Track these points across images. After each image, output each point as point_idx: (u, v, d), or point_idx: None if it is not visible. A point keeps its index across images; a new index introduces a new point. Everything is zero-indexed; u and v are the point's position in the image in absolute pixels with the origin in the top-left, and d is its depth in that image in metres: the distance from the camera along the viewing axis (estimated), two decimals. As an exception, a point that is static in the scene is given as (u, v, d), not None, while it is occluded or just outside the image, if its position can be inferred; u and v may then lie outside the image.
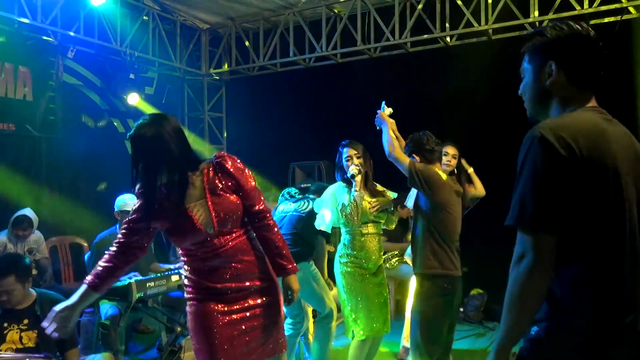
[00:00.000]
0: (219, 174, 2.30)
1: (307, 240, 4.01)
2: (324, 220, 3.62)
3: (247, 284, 2.31)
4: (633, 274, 1.42)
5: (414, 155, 3.34)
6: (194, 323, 2.30)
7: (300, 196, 4.31)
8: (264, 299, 2.36)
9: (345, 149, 3.61)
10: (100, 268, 2.27)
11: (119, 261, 2.27)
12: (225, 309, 2.27)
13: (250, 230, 2.39)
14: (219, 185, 2.28)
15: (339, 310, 4.69)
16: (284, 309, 2.57)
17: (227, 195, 2.28)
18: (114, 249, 2.29)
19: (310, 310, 4.26)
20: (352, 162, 3.53)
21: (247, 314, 2.31)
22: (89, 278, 2.27)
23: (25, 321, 3.07)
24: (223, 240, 2.26)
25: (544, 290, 1.37)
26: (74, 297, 2.28)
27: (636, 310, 1.41)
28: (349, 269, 3.51)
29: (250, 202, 2.33)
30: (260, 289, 2.35)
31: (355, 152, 3.57)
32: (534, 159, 1.37)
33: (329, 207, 3.62)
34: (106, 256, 2.28)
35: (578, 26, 1.51)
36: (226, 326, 2.26)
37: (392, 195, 3.73)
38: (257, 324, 2.33)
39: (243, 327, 2.30)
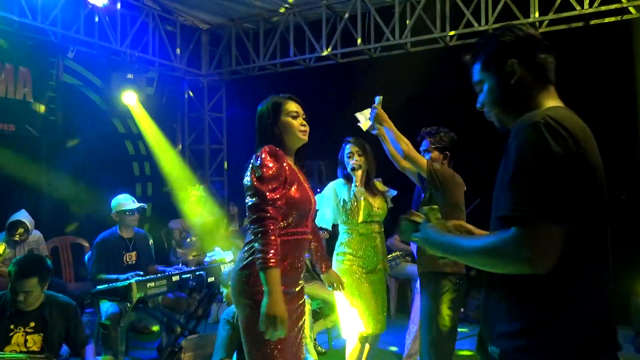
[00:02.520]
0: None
1: None
2: (324, 218, 3.60)
3: (300, 282, 2.50)
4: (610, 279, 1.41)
5: (437, 152, 3.34)
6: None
7: None
8: (302, 302, 2.51)
9: (348, 145, 3.62)
10: (274, 248, 2.19)
11: (277, 235, 2.26)
12: (288, 305, 2.34)
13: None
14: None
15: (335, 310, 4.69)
16: None
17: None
18: (271, 228, 2.21)
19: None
20: (353, 158, 3.54)
21: (298, 312, 2.45)
22: (272, 261, 2.17)
23: (32, 324, 3.05)
24: (309, 224, 2.50)
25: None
26: (276, 289, 2.17)
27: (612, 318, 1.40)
28: (345, 267, 3.50)
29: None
30: (301, 293, 2.51)
31: (357, 149, 3.57)
32: (540, 145, 1.29)
33: (329, 204, 3.61)
34: (270, 236, 2.20)
35: (522, 27, 1.56)
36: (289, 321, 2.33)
37: (391, 193, 3.72)
38: (299, 324, 2.47)
39: (294, 325, 2.41)
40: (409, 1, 6.25)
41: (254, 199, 2.26)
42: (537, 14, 5.51)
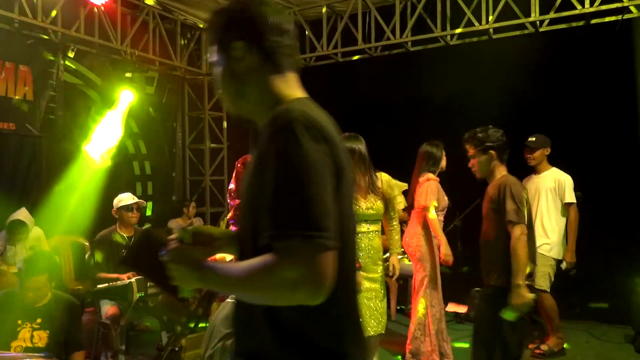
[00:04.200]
0: None
1: None
2: None
3: None
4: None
5: (491, 152, 3.06)
6: None
7: None
8: None
9: None
10: None
11: None
12: None
13: None
14: None
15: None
16: None
17: None
18: None
19: None
20: None
21: None
22: None
23: (39, 320, 3.10)
24: None
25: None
26: None
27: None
28: None
29: None
30: None
31: None
32: (300, 153, 1.08)
33: None
34: None
35: (259, 3, 1.31)
36: None
37: (398, 187, 3.68)
38: None
39: None
40: (409, 0, 6.25)
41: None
42: (537, 13, 5.50)
